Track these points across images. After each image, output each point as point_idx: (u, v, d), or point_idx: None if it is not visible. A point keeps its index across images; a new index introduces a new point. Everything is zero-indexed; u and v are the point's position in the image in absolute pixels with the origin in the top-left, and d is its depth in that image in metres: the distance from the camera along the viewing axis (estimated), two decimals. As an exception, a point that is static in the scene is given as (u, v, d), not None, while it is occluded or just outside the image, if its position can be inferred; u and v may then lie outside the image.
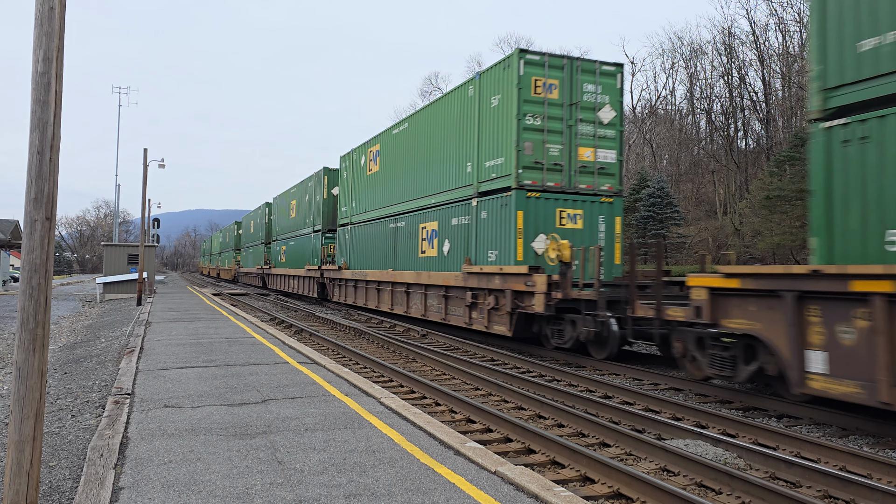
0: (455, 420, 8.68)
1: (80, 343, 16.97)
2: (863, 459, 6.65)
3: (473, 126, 17.15)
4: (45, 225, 4.00)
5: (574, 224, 15.64)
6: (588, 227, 15.77)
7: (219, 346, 12.97)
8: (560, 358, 14.16)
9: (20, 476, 3.88)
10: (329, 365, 10.66)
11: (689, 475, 6.35)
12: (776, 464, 6.59)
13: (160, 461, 5.52)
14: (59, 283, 59.18)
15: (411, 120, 22.19)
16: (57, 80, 4.05)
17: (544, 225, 15.31)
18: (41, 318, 3.97)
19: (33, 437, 3.93)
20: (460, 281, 16.96)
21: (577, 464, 6.53)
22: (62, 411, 8.35)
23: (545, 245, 15.12)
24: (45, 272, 3.99)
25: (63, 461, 6.13)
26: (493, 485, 5.03)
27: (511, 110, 15.24)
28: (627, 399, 10.04)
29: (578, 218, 15.69)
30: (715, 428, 8.24)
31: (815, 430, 8.34)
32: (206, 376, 9.61)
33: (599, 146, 15.91)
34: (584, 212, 15.73)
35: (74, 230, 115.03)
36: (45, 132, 4.01)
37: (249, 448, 5.94)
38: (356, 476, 5.19)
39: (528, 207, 15.08)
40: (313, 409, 7.50)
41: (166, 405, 7.69)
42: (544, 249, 15.13)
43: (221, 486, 4.93)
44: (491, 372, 12.13)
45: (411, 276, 20.29)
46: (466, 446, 5.97)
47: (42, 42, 4.02)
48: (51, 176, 4.02)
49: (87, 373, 11.40)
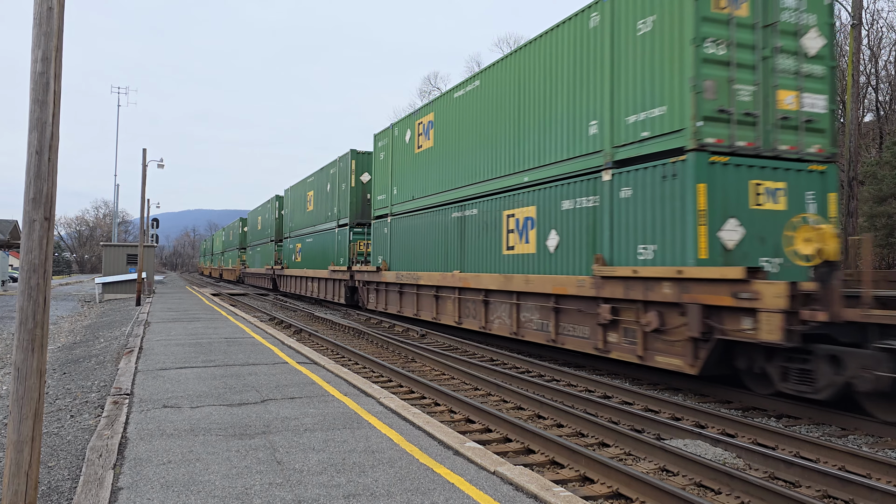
0: (454, 420, 8.68)
1: (79, 343, 16.96)
2: (862, 459, 6.66)
3: (601, 68, 12.34)
4: (43, 225, 3.99)
5: (774, 203, 10.76)
6: (793, 208, 10.87)
7: (218, 347, 12.97)
8: (559, 358, 14.13)
9: (19, 476, 3.87)
10: (328, 365, 10.66)
11: (688, 475, 6.36)
12: (775, 464, 6.59)
13: (159, 461, 5.52)
14: (57, 284, 59.16)
15: (485, 75, 16.89)
16: (56, 80, 4.04)
17: (735, 205, 10.42)
18: (40, 319, 3.97)
19: (32, 437, 3.93)
20: (587, 288, 12.03)
21: (577, 464, 6.53)
22: (61, 411, 8.34)
23: (739, 234, 10.38)
24: (43, 272, 3.99)
25: (62, 461, 6.12)
26: (493, 485, 5.03)
27: (681, 33, 10.52)
28: (627, 399, 10.04)
29: (780, 194, 10.81)
30: (714, 428, 8.25)
31: (815, 430, 8.34)
32: (206, 376, 9.60)
33: (805, 89, 11.06)
34: (788, 185, 10.88)
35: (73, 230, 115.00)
36: (43, 132, 4.00)
37: (248, 448, 5.93)
38: (355, 476, 5.19)
39: (714, 178, 10.23)
40: (312, 410, 7.50)
41: (165, 405, 7.68)
42: (738, 241, 10.37)
43: (220, 487, 4.92)
44: (490, 372, 12.12)
45: (494, 280, 15.33)
46: (466, 446, 5.97)
47: (41, 42, 4.01)
48: (49, 176, 4.01)
49: (86, 373, 11.39)
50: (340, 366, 11.29)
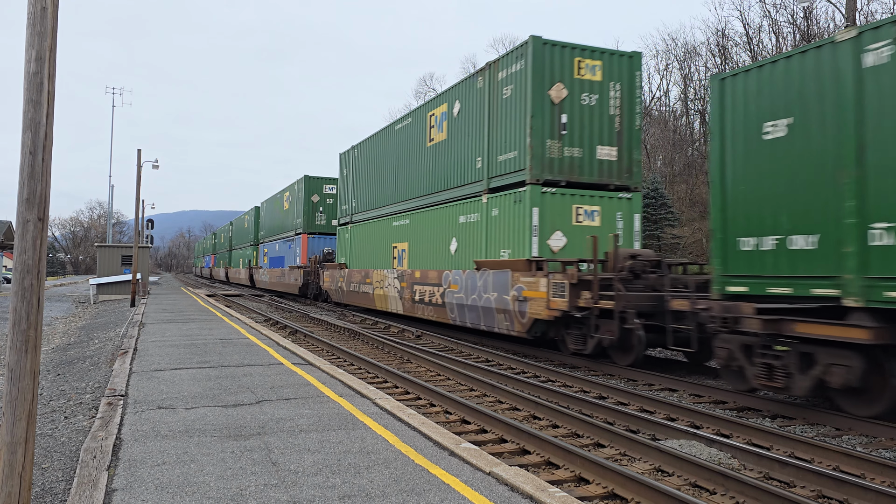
0: (450, 421, 8.67)
1: (74, 344, 16.89)
2: (856, 459, 6.68)
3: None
4: (37, 225, 3.98)
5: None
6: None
7: (213, 348, 12.93)
8: (555, 359, 14.16)
9: (12, 478, 3.86)
10: (323, 366, 10.64)
11: (683, 475, 6.37)
12: (770, 464, 6.61)
13: (154, 463, 5.50)
14: (52, 285, 58.93)
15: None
16: (49, 80, 4.03)
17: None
18: (34, 320, 3.95)
19: (25, 438, 3.91)
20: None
21: (572, 464, 6.53)
22: (55, 413, 8.31)
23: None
24: (37, 273, 3.97)
25: (56, 463, 6.10)
26: (488, 486, 5.03)
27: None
28: (622, 399, 10.06)
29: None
30: (709, 428, 8.26)
31: (809, 430, 8.37)
32: (200, 377, 9.58)
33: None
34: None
35: (67, 231, 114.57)
36: (37, 132, 3.99)
37: (244, 449, 5.92)
38: (350, 477, 5.18)
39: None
40: (308, 411, 7.49)
41: (160, 406, 7.66)
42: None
43: (215, 488, 4.91)
44: (486, 373, 12.12)
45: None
46: (461, 447, 5.97)
47: (34, 42, 4.00)
48: (43, 176, 4.00)
49: (81, 374, 11.35)
50: (336, 367, 11.26)
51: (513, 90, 15.41)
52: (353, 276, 25.89)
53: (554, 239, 14.64)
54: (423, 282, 19.38)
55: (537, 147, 14.55)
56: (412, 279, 20.16)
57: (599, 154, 15.13)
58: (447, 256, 18.41)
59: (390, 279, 22.01)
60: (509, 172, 15.45)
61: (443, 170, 19.13)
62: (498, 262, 15.26)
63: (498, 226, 15.84)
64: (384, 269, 22.75)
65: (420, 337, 18.52)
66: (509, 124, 15.55)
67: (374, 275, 23.71)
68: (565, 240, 14.76)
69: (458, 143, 18.18)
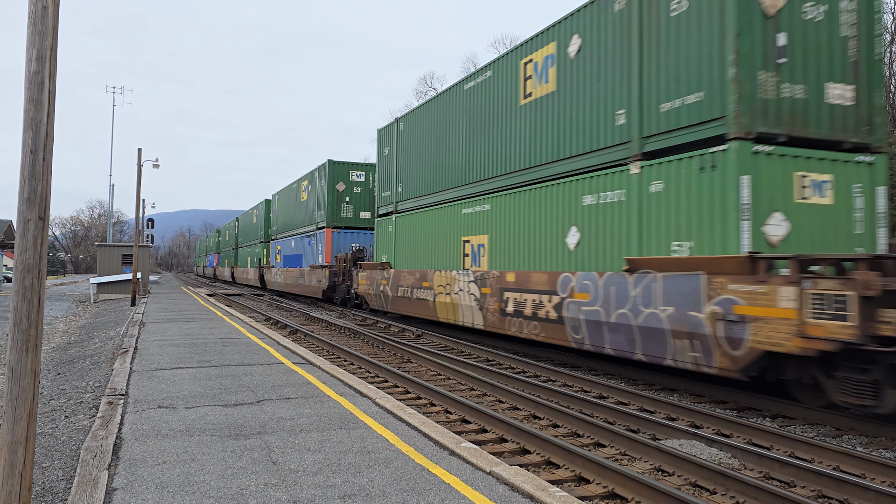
0: (450, 420, 8.67)
1: (74, 344, 16.90)
2: (857, 459, 6.68)
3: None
4: (38, 225, 3.98)
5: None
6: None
7: (213, 347, 12.94)
8: (555, 359, 14.15)
9: (13, 477, 3.86)
10: (324, 365, 10.64)
11: (683, 475, 6.37)
12: (770, 464, 6.61)
13: (154, 462, 5.51)
14: (52, 284, 58.96)
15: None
16: (50, 80, 4.03)
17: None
18: (34, 319, 3.95)
19: (26, 438, 3.91)
20: None
21: (572, 464, 6.53)
22: (55, 412, 8.31)
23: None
24: (38, 272, 3.97)
25: (56, 462, 6.10)
26: (488, 485, 5.03)
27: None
28: (622, 399, 10.06)
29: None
30: (709, 428, 8.26)
31: (809, 430, 8.37)
32: (201, 377, 9.58)
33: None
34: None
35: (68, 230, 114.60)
36: (38, 131, 3.99)
37: (244, 449, 5.92)
38: (351, 477, 5.19)
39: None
40: (308, 410, 7.49)
41: (160, 406, 7.66)
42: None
43: (216, 487, 4.91)
44: (486, 372, 12.13)
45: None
46: (461, 447, 5.97)
47: (35, 41, 4.00)
48: (44, 175, 4.00)
49: (81, 373, 11.36)
50: (336, 366, 11.27)
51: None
52: (403, 278, 21.11)
53: (771, 224, 9.75)
54: (520, 287, 14.59)
55: (746, 83, 9.74)
56: (500, 283, 15.42)
57: (829, 96, 10.32)
58: (561, 253, 13.58)
59: (462, 283, 17.23)
60: (688, 126, 10.61)
61: (550, 134, 14.25)
62: (679, 261, 10.22)
63: (663, 207, 10.98)
64: (452, 271, 17.93)
65: (420, 337, 18.52)
66: (686, 53, 10.72)
67: (435, 277, 18.83)
68: (787, 224, 9.83)
69: (579, 93, 13.34)
